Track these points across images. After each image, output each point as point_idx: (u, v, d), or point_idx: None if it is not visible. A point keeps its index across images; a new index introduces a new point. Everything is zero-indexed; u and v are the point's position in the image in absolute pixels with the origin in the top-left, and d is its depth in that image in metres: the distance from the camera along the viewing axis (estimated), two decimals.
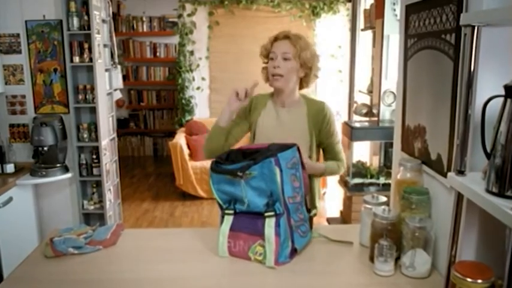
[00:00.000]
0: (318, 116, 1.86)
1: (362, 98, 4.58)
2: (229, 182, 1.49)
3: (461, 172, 1.19)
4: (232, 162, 1.52)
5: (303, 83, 1.88)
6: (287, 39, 1.79)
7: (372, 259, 1.48)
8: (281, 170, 1.46)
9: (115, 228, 1.76)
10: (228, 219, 1.51)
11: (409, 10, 1.65)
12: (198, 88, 5.61)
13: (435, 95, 1.44)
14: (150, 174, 6.01)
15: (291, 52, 1.77)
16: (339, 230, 1.84)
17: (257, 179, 1.44)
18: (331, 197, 4.69)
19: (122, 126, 6.77)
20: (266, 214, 1.44)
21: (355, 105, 4.31)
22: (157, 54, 6.54)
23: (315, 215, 1.70)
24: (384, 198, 1.63)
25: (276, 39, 1.83)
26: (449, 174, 1.24)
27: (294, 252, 1.52)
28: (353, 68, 4.78)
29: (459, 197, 1.22)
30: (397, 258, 1.44)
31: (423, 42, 1.52)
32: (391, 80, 3.40)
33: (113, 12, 6.31)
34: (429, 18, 1.46)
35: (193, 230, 1.83)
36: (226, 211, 1.51)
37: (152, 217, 4.44)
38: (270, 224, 1.43)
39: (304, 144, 1.83)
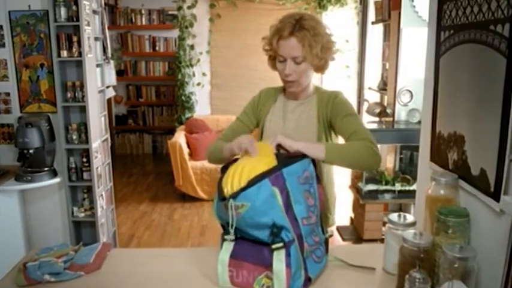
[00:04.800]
0: (328, 101, 1.61)
1: (372, 96, 4.34)
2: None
3: None
4: None
5: (318, 70, 1.61)
6: (293, 36, 1.50)
7: None
8: (285, 188, 1.23)
9: (100, 249, 1.54)
10: (228, 246, 1.27)
11: None
12: (198, 84, 5.39)
13: (479, 97, 1.20)
14: (148, 173, 5.80)
15: (300, 55, 1.51)
16: (357, 252, 1.61)
17: (251, 212, 1.18)
18: (337, 201, 4.44)
19: (120, 123, 6.58)
20: (274, 246, 1.19)
21: (366, 103, 4.07)
22: (157, 48, 6.33)
23: (330, 236, 1.47)
24: (411, 218, 1.40)
25: (280, 37, 1.52)
26: (503, 198, 1.01)
27: (308, 282, 1.29)
28: (363, 64, 4.53)
29: None
30: None
31: (462, 35, 1.27)
32: (407, 77, 3.15)
33: (110, 5, 6.11)
34: (471, 6, 1.22)
35: (190, 251, 1.61)
36: (226, 237, 1.27)
37: (150, 221, 4.22)
38: (279, 257, 1.19)
39: (311, 134, 1.61)
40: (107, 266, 1.46)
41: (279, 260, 1.19)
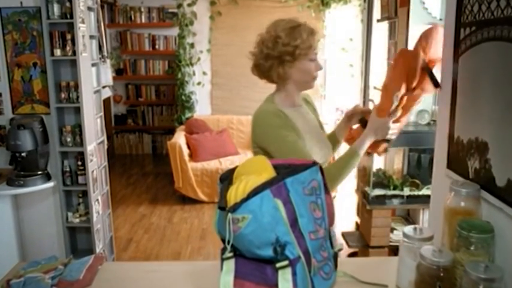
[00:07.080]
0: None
1: (377, 95, 4.22)
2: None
3: None
4: None
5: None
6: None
7: None
8: (289, 200, 1.12)
9: (91, 263, 1.42)
10: (229, 265, 1.15)
11: None
12: (198, 83, 5.28)
13: (506, 101, 1.08)
14: (148, 173, 5.70)
15: None
16: (367, 266, 1.50)
17: (253, 226, 1.07)
18: (342, 204, 4.31)
19: (119, 122, 6.48)
20: (278, 265, 1.07)
21: (371, 104, 3.95)
22: (156, 46, 6.23)
23: (340, 250, 1.36)
24: (429, 232, 1.28)
25: (313, 32, 1.63)
26: None
27: None
28: (368, 63, 4.40)
29: None
30: None
31: (487, 32, 1.16)
32: None
33: (109, 2, 6.00)
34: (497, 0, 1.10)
35: (188, 265, 1.50)
36: (225, 255, 1.15)
37: (149, 224, 4.12)
38: (285, 277, 1.07)
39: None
40: (98, 282, 1.35)
41: (285, 279, 1.07)
